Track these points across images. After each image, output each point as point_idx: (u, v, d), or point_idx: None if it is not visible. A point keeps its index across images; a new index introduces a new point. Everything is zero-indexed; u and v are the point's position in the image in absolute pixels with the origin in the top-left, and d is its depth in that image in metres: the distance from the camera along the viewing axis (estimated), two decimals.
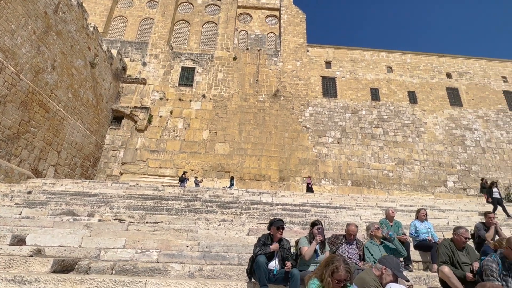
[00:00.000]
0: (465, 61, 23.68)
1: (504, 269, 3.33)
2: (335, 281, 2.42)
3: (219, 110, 20.21)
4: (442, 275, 4.03)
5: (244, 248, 5.49)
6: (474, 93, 22.34)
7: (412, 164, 19.68)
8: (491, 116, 21.46)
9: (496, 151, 20.22)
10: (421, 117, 21.20)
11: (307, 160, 19.37)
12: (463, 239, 4.38)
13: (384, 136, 20.46)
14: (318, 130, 20.31)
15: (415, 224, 5.99)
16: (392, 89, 22.18)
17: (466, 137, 20.64)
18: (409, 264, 5.53)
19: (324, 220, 8.50)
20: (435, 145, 20.32)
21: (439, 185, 19.12)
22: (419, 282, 4.94)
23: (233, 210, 9.18)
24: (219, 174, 18.47)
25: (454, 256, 4.31)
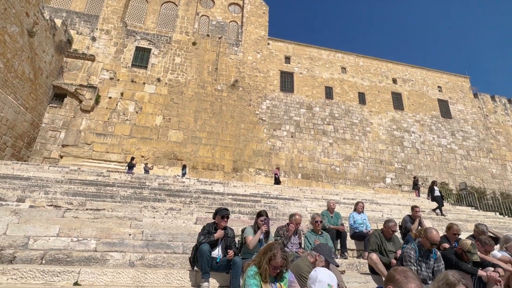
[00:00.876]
0: (409, 69, 25.88)
1: (420, 255, 3.78)
2: (272, 267, 2.53)
3: (174, 95, 19.51)
4: (371, 261, 4.46)
5: (190, 237, 5.46)
6: (414, 99, 24.59)
7: (357, 161, 21.13)
8: (426, 121, 23.87)
9: (427, 153, 22.62)
10: (368, 118, 22.77)
11: (261, 152, 19.72)
12: (391, 231, 4.88)
13: (334, 133, 21.60)
14: (274, 123, 20.73)
15: (353, 215, 6.50)
16: (344, 89, 23.42)
17: (404, 138, 22.72)
18: (345, 252, 6.00)
19: (272, 211, 8.79)
20: (378, 144, 22.04)
21: (379, 181, 20.86)
22: (352, 268, 5.40)
23: (183, 199, 9.04)
24: (171, 162, 17.95)
25: (382, 245, 4.79)
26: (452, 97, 25.59)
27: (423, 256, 3.80)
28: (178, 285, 3.76)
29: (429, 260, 3.79)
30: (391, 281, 1.99)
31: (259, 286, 2.50)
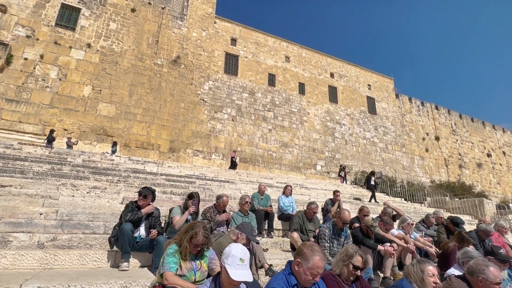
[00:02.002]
0: (345, 65, 27.81)
1: (333, 233, 4.22)
2: (193, 245, 2.55)
3: (107, 65, 17.74)
4: (292, 239, 4.82)
5: (114, 217, 5.16)
6: (347, 94, 26.66)
7: (292, 148, 22.26)
8: (356, 115, 26.19)
9: (354, 144, 24.96)
10: (305, 108, 23.99)
11: (201, 133, 19.38)
12: (312, 212, 5.32)
13: (274, 120, 22.29)
14: (215, 105, 20.45)
15: (281, 198, 6.88)
16: (286, 78, 24.16)
17: (336, 129, 24.62)
18: (271, 232, 6.36)
19: (206, 192, 8.80)
20: (313, 133, 23.49)
21: (310, 168, 22.38)
22: (276, 246, 5.76)
23: (110, 178, 8.44)
24: (100, 138, 16.50)
25: (303, 225, 5.20)
26: (378, 95, 28.41)
27: (336, 234, 4.25)
28: (95, 266, 3.55)
29: (340, 237, 4.25)
30: (300, 255, 2.19)
31: (178, 263, 2.50)
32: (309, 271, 2.08)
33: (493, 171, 31.22)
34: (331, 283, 2.39)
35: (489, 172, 30.91)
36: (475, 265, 2.67)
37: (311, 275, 2.07)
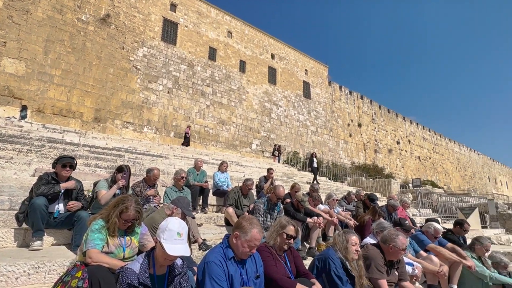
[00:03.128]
0: (286, 48, 28.38)
1: (267, 208, 4.38)
2: (123, 220, 2.35)
3: (15, 13, 14.75)
4: (227, 214, 4.86)
5: (23, 190, 4.48)
6: (286, 76, 27.43)
7: (230, 126, 22.23)
8: (292, 98, 27.26)
9: (288, 126, 26.12)
10: (245, 86, 23.97)
11: (132, 104, 17.89)
12: (248, 188, 5.42)
13: (212, 96, 21.77)
14: (150, 74, 18.96)
15: (217, 174, 6.85)
16: (228, 54, 23.59)
17: (273, 110, 25.32)
18: (206, 207, 6.33)
19: (136, 167, 8.25)
20: (251, 112, 23.74)
21: (246, 146, 22.78)
22: (210, 221, 5.76)
23: (18, 146, 7.25)
24: (5, 99, 13.93)
25: (239, 200, 5.28)
26: (314, 81, 29.94)
27: (270, 209, 4.42)
28: None
29: (274, 212, 4.44)
30: (239, 228, 2.19)
31: (105, 240, 2.28)
32: (246, 244, 2.10)
33: (399, 156, 36.29)
34: (265, 254, 2.48)
35: (397, 157, 35.85)
36: (388, 234, 3.06)
37: (249, 247, 2.10)
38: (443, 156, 43.55)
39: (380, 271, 2.86)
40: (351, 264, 2.65)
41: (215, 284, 1.96)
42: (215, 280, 1.97)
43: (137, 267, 1.75)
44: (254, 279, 2.20)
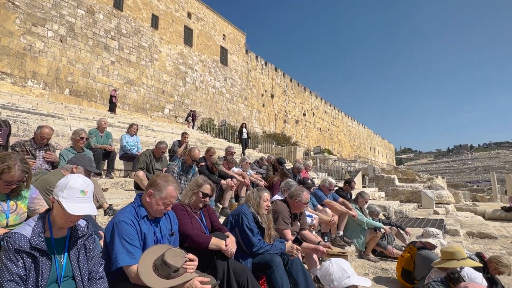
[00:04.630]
0: (204, 8, 26.81)
1: (182, 170, 4.29)
2: (4, 182, 1.95)
3: None
4: (137, 178, 4.57)
5: None
6: (203, 39, 26.20)
7: (139, 87, 20.33)
8: (208, 63, 26.42)
9: (204, 91, 25.49)
10: (158, 45, 21.95)
11: (9, 50, 14.39)
12: (160, 152, 5.18)
13: (119, 51, 19.29)
14: (35, 15, 15.40)
15: (125, 137, 6.28)
16: (138, 5, 20.91)
17: (188, 74, 24.15)
18: (111, 172, 5.81)
19: (19, 126, 6.89)
20: (163, 74, 22.12)
21: (158, 110, 21.40)
22: (117, 186, 5.34)
23: None
24: None
25: (150, 164, 5.01)
26: (231, 48, 29.52)
27: (184, 171, 4.35)
28: None
29: (188, 174, 4.38)
30: (153, 185, 2.08)
31: None
32: (161, 201, 2.02)
33: (304, 127, 40.06)
34: (181, 212, 2.45)
35: (302, 128, 39.48)
36: (294, 191, 3.40)
37: (164, 204, 2.03)
38: (339, 129, 50.03)
39: (286, 222, 3.20)
40: (262, 218, 2.88)
41: (126, 243, 1.85)
42: (126, 239, 1.86)
43: (28, 231, 1.50)
44: (168, 237, 2.17)
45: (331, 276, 1.70)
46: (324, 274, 1.74)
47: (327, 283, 1.70)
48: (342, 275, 1.70)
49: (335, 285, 1.67)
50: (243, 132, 14.93)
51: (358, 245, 4.70)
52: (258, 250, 2.67)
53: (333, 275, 1.70)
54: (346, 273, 1.73)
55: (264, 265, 2.61)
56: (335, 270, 1.73)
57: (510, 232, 10.72)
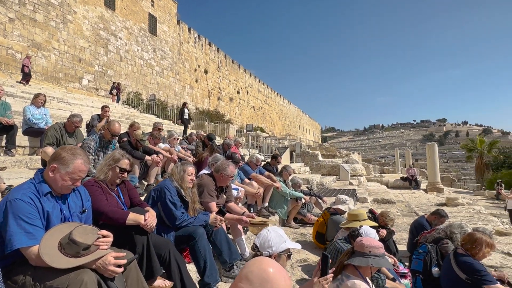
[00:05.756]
0: None
1: (100, 146, 3.94)
2: None
3: None
4: (44, 155, 4.05)
5: None
6: (128, 3, 23.58)
7: (49, 52, 17.56)
8: (135, 30, 24.07)
9: (130, 62, 23.33)
10: (71, 4, 19.01)
11: None
12: (74, 126, 4.65)
13: (19, 6, 16.14)
14: None
15: (29, 109, 5.43)
16: None
17: (110, 41, 21.67)
18: (12, 149, 5.02)
19: None
20: (80, 39, 19.44)
21: (74, 81, 18.93)
22: (20, 165, 4.67)
23: None
24: None
25: (62, 139, 4.47)
26: (161, 16, 27.33)
27: (103, 147, 4.00)
28: None
29: (108, 150, 4.04)
30: (57, 159, 1.87)
31: None
32: (68, 176, 1.84)
33: (238, 105, 40.28)
34: (94, 188, 2.28)
35: (236, 105, 39.63)
36: (220, 165, 3.44)
37: (71, 180, 1.85)
38: (271, 107, 51.71)
39: (211, 195, 3.25)
40: (186, 192, 2.86)
41: (24, 223, 1.65)
42: (23, 219, 1.65)
43: None
44: (79, 214, 2.00)
45: (270, 243, 1.81)
46: (263, 242, 1.84)
47: (266, 249, 1.80)
48: (279, 240, 1.83)
49: (273, 250, 1.79)
50: (185, 112, 14.18)
51: (281, 214, 5.07)
52: (181, 223, 2.67)
53: (271, 241, 1.81)
54: (282, 238, 1.86)
55: (187, 237, 2.64)
56: (273, 236, 1.85)
57: (405, 198, 12.83)
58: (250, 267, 1.07)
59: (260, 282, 1.01)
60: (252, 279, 1.03)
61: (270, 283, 1.01)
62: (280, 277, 1.03)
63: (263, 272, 1.03)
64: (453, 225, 3.62)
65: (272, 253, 1.74)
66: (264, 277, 1.02)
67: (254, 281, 1.02)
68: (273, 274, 1.03)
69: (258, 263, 1.08)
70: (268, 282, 1.01)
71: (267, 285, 1.00)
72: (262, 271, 1.04)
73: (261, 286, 1.00)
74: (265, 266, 1.05)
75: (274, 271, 1.04)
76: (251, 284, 1.01)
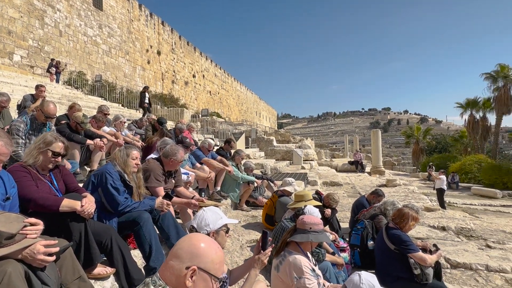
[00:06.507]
0: None
1: (32, 128, 3.57)
2: None
3: None
4: None
5: None
6: None
7: None
8: (76, 3, 21.74)
9: (71, 38, 21.15)
10: None
11: None
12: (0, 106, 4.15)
13: None
14: None
15: None
16: None
17: (47, 13, 19.35)
18: None
19: None
20: (9, 8, 17.05)
21: (4, 56, 16.69)
22: None
23: None
24: None
25: None
26: None
27: (35, 130, 3.63)
28: None
29: (40, 133, 3.68)
30: None
31: None
32: None
33: (194, 89, 39.13)
34: (20, 174, 2.08)
35: (192, 90, 38.47)
36: (169, 149, 3.35)
37: None
38: (228, 93, 51.18)
39: (158, 180, 3.16)
40: (130, 177, 2.75)
41: None
42: None
43: None
44: (2, 202, 1.82)
45: (206, 221, 1.83)
46: (199, 221, 1.85)
47: (204, 228, 1.82)
48: (216, 218, 1.86)
49: (211, 228, 1.81)
50: (145, 97, 12.98)
51: (233, 198, 5.14)
52: (124, 209, 2.57)
53: (208, 220, 1.84)
54: (219, 215, 1.90)
55: (131, 223, 2.55)
56: (209, 215, 1.87)
57: (351, 180, 13.80)
58: (180, 244, 1.08)
59: (190, 257, 1.03)
60: (182, 255, 1.04)
61: (199, 258, 1.03)
62: (211, 251, 1.06)
63: (193, 247, 1.05)
64: (387, 202, 4.00)
65: (210, 231, 1.77)
66: (194, 252, 1.04)
67: (183, 256, 1.03)
68: (203, 249, 1.05)
69: (188, 239, 1.10)
70: (197, 257, 1.03)
71: (197, 259, 1.02)
72: (192, 247, 1.05)
73: (191, 262, 1.02)
74: (195, 242, 1.07)
75: (205, 246, 1.06)
76: (181, 261, 1.03)
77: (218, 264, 1.07)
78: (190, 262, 1.02)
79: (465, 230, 6.58)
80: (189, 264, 1.02)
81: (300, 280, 2.17)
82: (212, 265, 1.05)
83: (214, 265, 1.05)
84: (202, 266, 1.03)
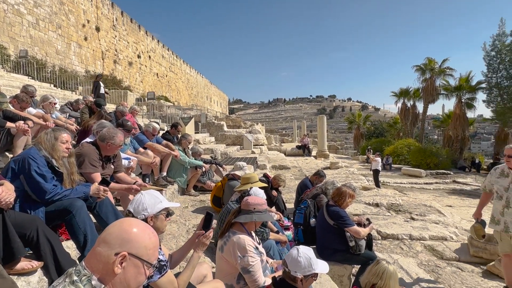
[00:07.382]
0: None
1: None
2: None
3: None
4: None
5: None
6: None
7: None
8: None
9: None
10: None
11: None
12: None
13: None
14: None
15: None
16: None
17: None
18: None
19: None
20: None
21: None
22: None
23: None
24: None
25: None
26: None
27: None
28: None
29: None
30: None
31: None
32: None
33: (139, 71, 36.66)
34: None
35: (137, 71, 35.99)
36: (107, 133, 3.10)
37: None
38: (177, 76, 49.06)
39: (94, 165, 2.92)
40: (59, 162, 2.49)
41: None
42: None
43: None
44: None
45: (144, 205, 1.73)
46: (136, 206, 1.74)
47: (141, 213, 1.71)
48: (154, 201, 1.77)
49: (149, 212, 1.72)
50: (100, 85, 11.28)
51: (180, 183, 5.01)
52: (53, 197, 2.34)
53: (145, 204, 1.74)
54: (158, 199, 1.80)
55: (62, 212, 2.33)
56: (147, 199, 1.77)
57: (299, 163, 14.43)
58: (110, 229, 1.02)
59: (119, 243, 0.97)
60: (111, 240, 0.97)
61: (130, 243, 0.98)
62: (144, 236, 1.01)
63: (124, 232, 0.99)
64: (327, 182, 4.27)
65: (148, 215, 1.70)
66: (125, 238, 0.98)
67: (112, 242, 0.97)
68: (135, 234, 0.99)
69: (119, 224, 1.03)
70: (128, 242, 0.97)
71: (128, 245, 0.97)
72: (123, 232, 0.99)
73: (120, 247, 0.96)
74: (126, 227, 1.01)
75: (138, 231, 1.01)
76: (109, 247, 0.96)
77: (152, 249, 1.03)
78: (120, 248, 0.96)
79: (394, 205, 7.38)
80: (119, 250, 0.97)
81: (244, 258, 2.22)
82: (145, 250, 1.00)
83: (147, 251, 1.01)
84: (133, 251, 0.98)
